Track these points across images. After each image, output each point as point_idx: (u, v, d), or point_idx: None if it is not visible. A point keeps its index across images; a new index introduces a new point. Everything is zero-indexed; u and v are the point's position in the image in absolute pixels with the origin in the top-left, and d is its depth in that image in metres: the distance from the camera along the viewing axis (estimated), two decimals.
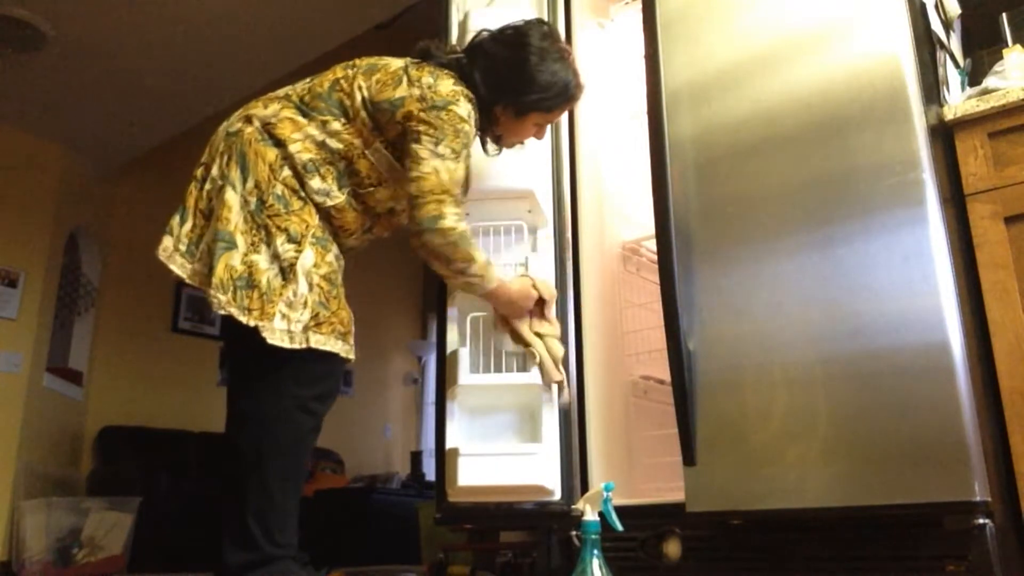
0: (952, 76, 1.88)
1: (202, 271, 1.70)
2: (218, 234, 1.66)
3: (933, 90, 1.68)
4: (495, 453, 1.89)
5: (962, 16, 2.04)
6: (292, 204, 1.70)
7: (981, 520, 1.35)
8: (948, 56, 1.88)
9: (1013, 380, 1.50)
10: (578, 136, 2.23)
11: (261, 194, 1.69)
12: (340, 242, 1.81)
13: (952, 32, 1.99)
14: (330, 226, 1.78)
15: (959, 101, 1.69)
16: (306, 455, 1.74)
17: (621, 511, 1.54)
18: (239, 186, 1.70)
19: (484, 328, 2.00)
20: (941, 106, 1.68)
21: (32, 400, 4.39)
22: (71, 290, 5.05)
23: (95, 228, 5.19)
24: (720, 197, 1.74)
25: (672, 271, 1.71)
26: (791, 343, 1.58)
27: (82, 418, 4.95)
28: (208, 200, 1.74)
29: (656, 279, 1.77)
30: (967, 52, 2.09)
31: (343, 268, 1.80)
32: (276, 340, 1.62)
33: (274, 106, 1.79)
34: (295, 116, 1.76)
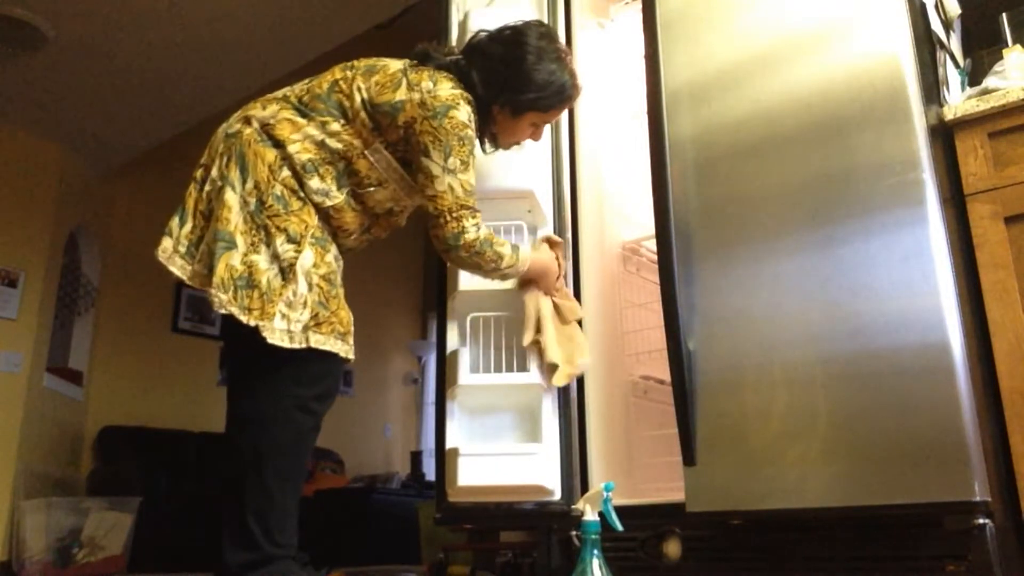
0: (952, 76, 1.88)
1: (202, 272, 1.70)
2: (218, 234, 1.66)
3: (933, 90, 1.68)
4: (495, 453, 1.89)
5: (962, 16, 2.04)
6: (291, 204, 1.71)
7: (981, 520, 1.35)
8: (948, 56, 1.88)
9: (1013, 380, 1.50)
10: (578, 136, 2.23)
11: (260, 195, 1.69)
12: (339, 243, 1.82)
13: (952, 32, 1.99)
14: (329, 226, 1.78)
15: (959, 101, 1.69)
16: (306, 455, 1.74)
17: (621, 511, 1.54)
18: (239, 187, 1.70)
19: (484, 328, 2.00)
20: (941, 106, 1.68)
21: (32, 400, 4.39)
22: (71, 290, 5.05)
23: (95, 228, 5.19)
24: (720, 197, 1.74)
25: (672, 271, 1.71)
26: (791, 343, 1.58)
27: (82, 418, 4.96)
28: (208, 201, 1.75)
29: (656, 279, 1.77)
30: (967, 52, 2.09)
31: (342, 268, 1.81)
32: (276, 340, 1.62)
33: (272, 107, 1.79)
34: (294, 117, 1.77)
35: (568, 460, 1.93)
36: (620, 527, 1.51)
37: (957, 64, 1.97)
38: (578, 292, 2.09)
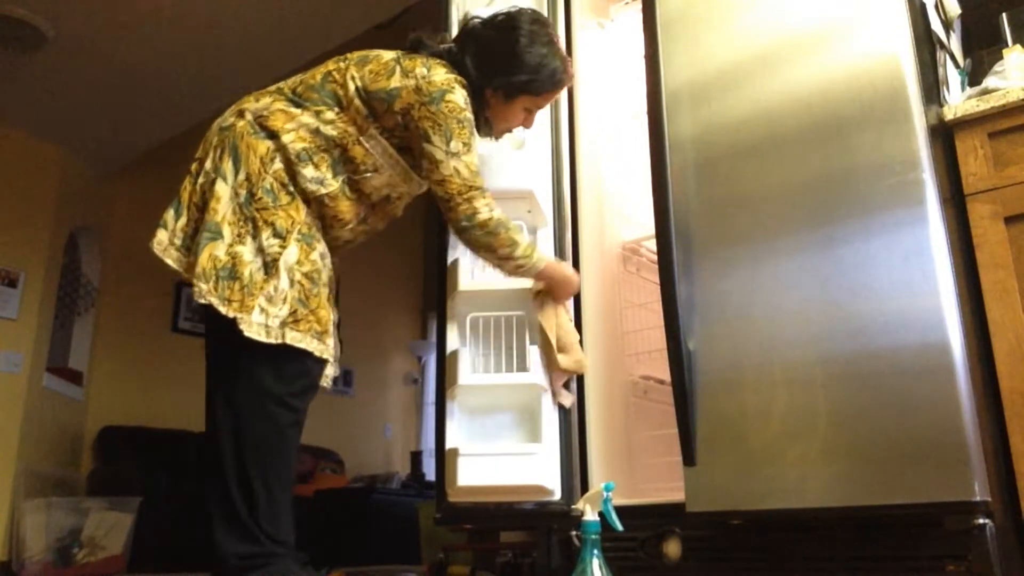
0: (952, 76, 1.88)
1: (195, 263, 1.70)
2: (205, 224, 1.68)
3: (933, 90, 1.68)
4: (495, 453, 1.89)
5: (962, 16, 2.04)
6: (280, 198, 1.72)
7: (981, 520, 1.35)
8: (948, 56, 1.88)
9: (1013, 380, 1.50)
10: (578, 136, 2.23)
11: (251, 187, 1.71)
12: (334, 234, 1.82)
13: (952, 32, 1.99)
14: (323, 218, 1.79)
15: (959, 101, 1.69)
16: (290, 451, 1.71)
17: (621, 511, 1.54)
18: (230, 178, 1.72)
19: (484, 328, 2.00)
20: (941, 106, 1.68)
21: (32, 400, 4.39)
22: (71, 290, 5.05)
23: (95, 228, 5.19)
24: (720, 197, 1.74)
25: (672, 271, 1.71)
26: (791, 343, 1.58)
27: (82, 418, 4.95)
28: (201, 193, 1.75)
29: (656, 279, 1.77)
30: (967, 52, 2.09)
31: (328, 267, 1.80)
32: (253, 333, 1.62)
33: (266, 99, 1.81)
34: (287, 107, 1.78)
35: (568, 460, 1.93)
36: (620, 527, 1.51)
37: (957, 64, 1.97)
38: (578, 292, 2.09)
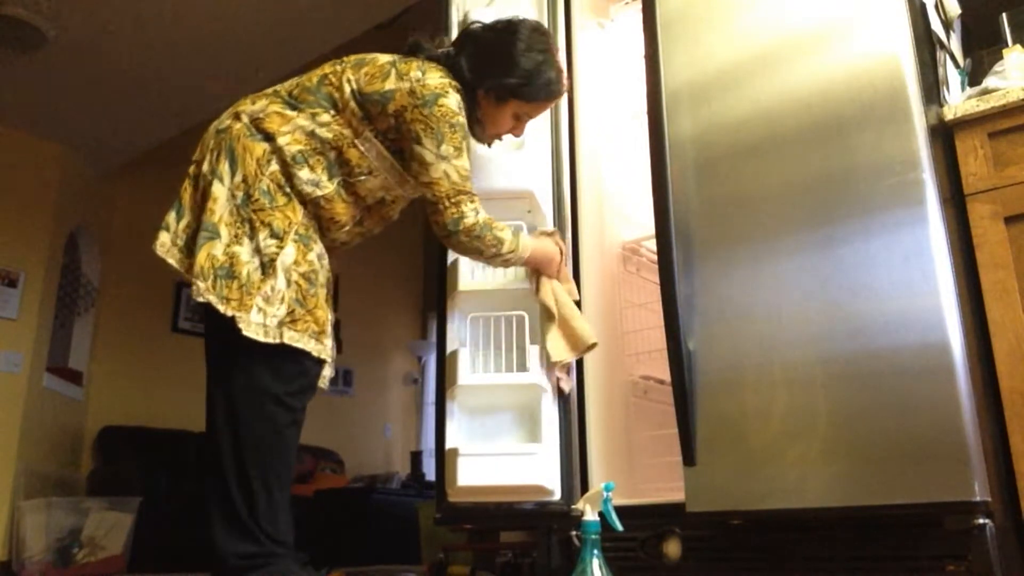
0: (952, 76, 1.88)
1: (193, 263, 1.71)
2: (203, 224, 1.69)
3: (933, 90, 1.68)
4: (495, 453, 1.89)
5: (962, 16, 2.04)
6: (277, 199, 1.72)
7: (981, 520, 1.35)
8: (948, 56, 1.88)
9: (1013, 380, 1.50)
10: (578, 136, 2.23)
11: (248, 188, 1.72)
12: (331, 237, 1.83)
13: (952, 32, 1.99)
14: (319, 219, 1.79)
15: (959, 101, 1.68)
16: (288, 450, 1.71)
17: (621, 511, 1.54)
18: (227, 179, 1.73)
19: (484, 328, 2.00)
20: (941, 106, 1.68)
21: (32, 400, 4.39)
22: (71, 290, 5.05)
23: (95, 228, 5.19)
24: (720, 197, 1.74)
25: (672, 271, 1.71)
26: (791, 343, 1.58)
27: (82, 418, 4.95)
28: (201, 195, 1.76)
29: (656, 279, 1.77)
30: (967, 52, 2.09)
31: (326, 268, 1.81)
32: (251, 332, 1.63)
33: (262, 102, 1.82)
34: (283, 110, 1.79)
35: (568, 460, 1.93)
36: (620, 527, 1.51)
37: (957, 64, 1.96)
38: (578, 293, 2.09)
